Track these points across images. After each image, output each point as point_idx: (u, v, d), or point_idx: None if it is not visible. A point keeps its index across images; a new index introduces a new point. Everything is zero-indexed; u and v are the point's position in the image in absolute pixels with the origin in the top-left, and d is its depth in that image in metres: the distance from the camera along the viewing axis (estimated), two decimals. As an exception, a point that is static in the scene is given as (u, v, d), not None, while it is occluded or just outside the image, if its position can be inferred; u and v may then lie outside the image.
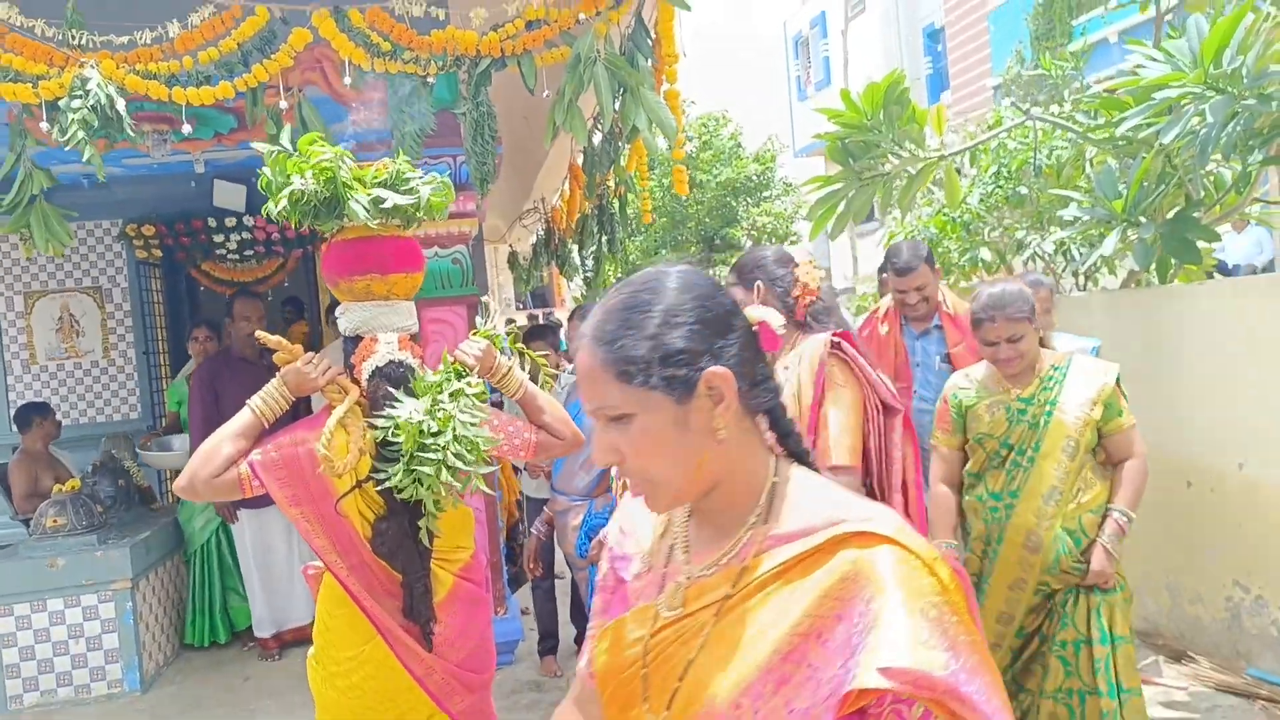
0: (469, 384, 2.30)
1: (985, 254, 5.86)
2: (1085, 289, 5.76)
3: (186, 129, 3.16)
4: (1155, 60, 4.05)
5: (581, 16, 3.50)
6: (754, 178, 16.27)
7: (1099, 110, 4.83)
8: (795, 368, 2.48)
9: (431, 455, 2.17)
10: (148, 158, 4.51)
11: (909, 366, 4.13)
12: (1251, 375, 4.06)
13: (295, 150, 2.29)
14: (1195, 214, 4.45)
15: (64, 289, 6.76)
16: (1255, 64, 3.61)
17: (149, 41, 3.12)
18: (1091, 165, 5.31)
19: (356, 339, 2.38)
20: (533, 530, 4.45)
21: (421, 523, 2.26)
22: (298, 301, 7.56)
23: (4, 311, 6.68)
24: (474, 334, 2.52)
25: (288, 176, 2.23)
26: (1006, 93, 14.97)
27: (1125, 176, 4.58)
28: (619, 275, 17.22)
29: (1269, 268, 10.44)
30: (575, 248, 7.22)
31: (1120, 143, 4.47)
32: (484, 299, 3.37)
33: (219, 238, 6.73)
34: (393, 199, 2.26)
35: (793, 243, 16.54)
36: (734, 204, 16.16)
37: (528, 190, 9.14)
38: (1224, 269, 9.78)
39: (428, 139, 3.72)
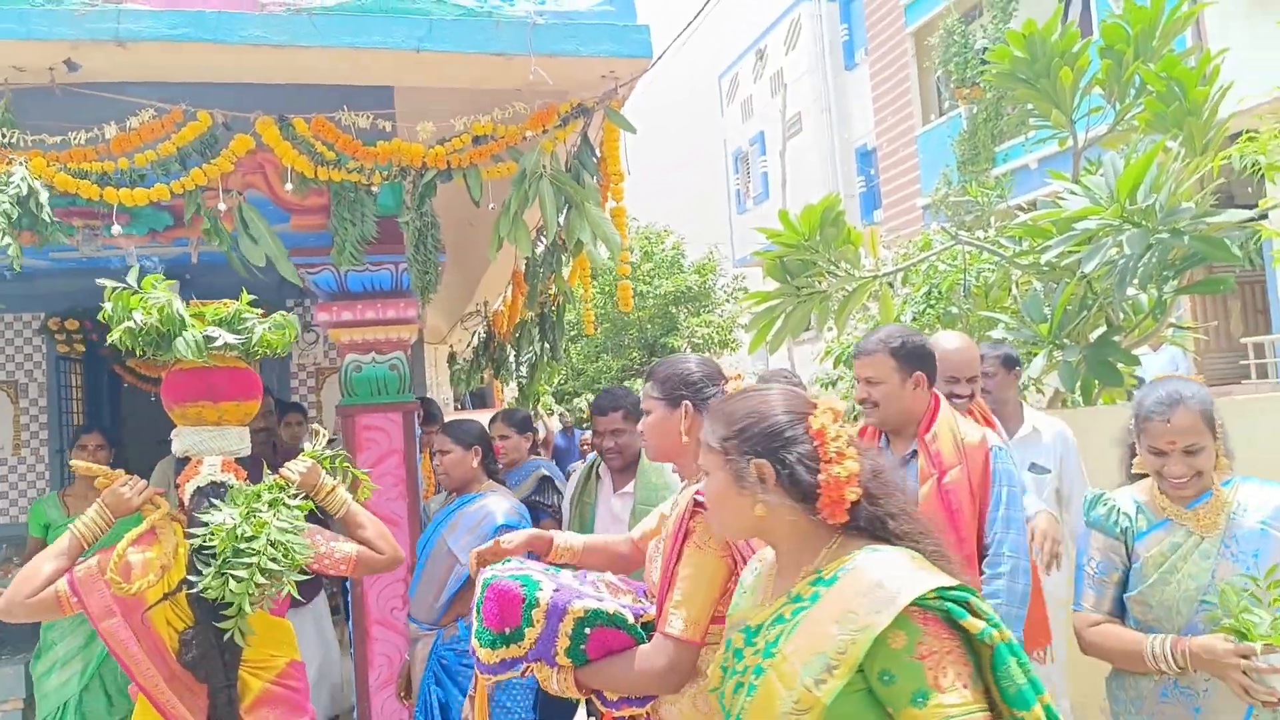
0: (288, 495, 2.51)
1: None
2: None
3: (116, 229, 3.11)
4: (1074, 193, 4.25)
5: (528, 134, 3.56)
6: (694, 288, 16.61)
7: (1023, 236, 5.03)
8: (672, 512, 2.18)
9: (245, 559, 2.33)
10: (75, 250, 4.42)
11: None
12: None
13: (138, 287, 2.51)
14: (1116, 338, 4.62)
15: (-24, 383, 6.48)
16: (1168, 200, 3.82)
17: (84, 142, 3.08)
18: (1017, 286, 5.51)
19: (185, 460, 2.58)
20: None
21: (228, 624, 2.36)
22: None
23: (-88, 404, 6.33)
24: (303, 454, 2.71)
25: (129, 311, 2.45)
26: (935, 213, 15.65)
27: (1049, 300, 4.76)
28: (558, 380, 17.25)
29: (1184, 385, 11.02)
30: (513, 352, 7.21)
31: (1044, 268, 4.64)
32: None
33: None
34: (223, 337, 2.48)
35: (732, 350, 16.77)
36: (674, 312, 16.42)
37: (471, 292, 9.15)
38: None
39: (369, 245, 3.71)
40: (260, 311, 2.62)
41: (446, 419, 6.42)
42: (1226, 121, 4.47)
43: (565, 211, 3.77)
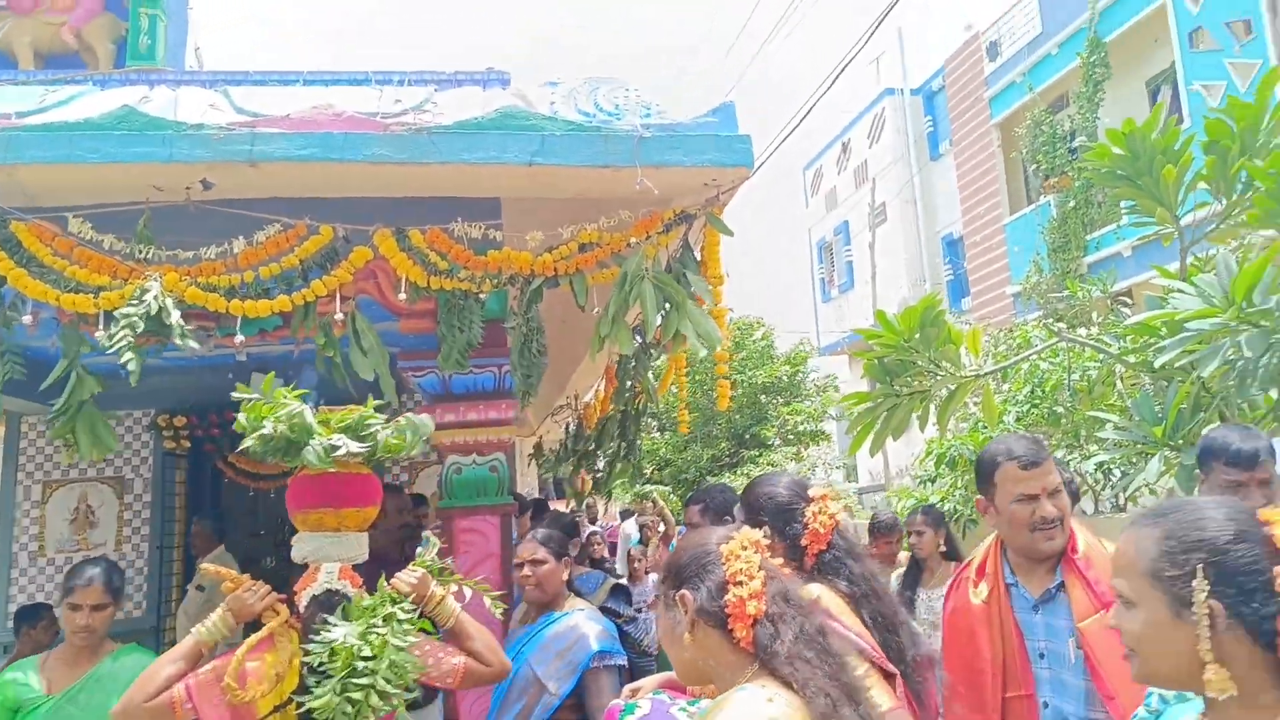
0: (402, 609, 2.50)
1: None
2: (1124, 508, 5.66)
3: (239, 339, 3.24)
4: (1185, 292, 4.12)
5: (633, 240, 3.63)
6: (785, 378, 16.55)
7: (1130, 334, 4.89)
8: None
9: (363, 680, 2.31)
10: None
11: (1025, 660, 2.47)
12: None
13: (268, 397, 2.60)
14: (1235, 440, 4.42)
15: (85, 478, 6.52)
16: (1287, 302, 3.68)
17: (213, 256, 3.25)
18: (1122, 382, 5.34)
19: (304, 565, 2.59)
20: None
21: None
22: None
23: (20, 500, 6.39)
24: (413, 564, 2.71)
25: (260, 420, 2.52)
26: (1027, 300, 15.37)
27: (1160, 399, 4.59)
28: (637, 474, 17.19)
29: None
30: (594, 446, 7.24)
31: (1155, 370, 4.50)
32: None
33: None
34: (346, 446, 2.53)
35: (822, 442, 16.57)
36: (764, 402, 16.33)
37: (562, 386, 9.25)
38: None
39: (475, 349, 3.79)
40: (384, 418, 2.66)
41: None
42: (1346, 217, 4.32)
43: (665, 310, 3.81)
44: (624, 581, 7.70)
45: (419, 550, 2.84)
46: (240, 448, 2.54)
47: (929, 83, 21.28)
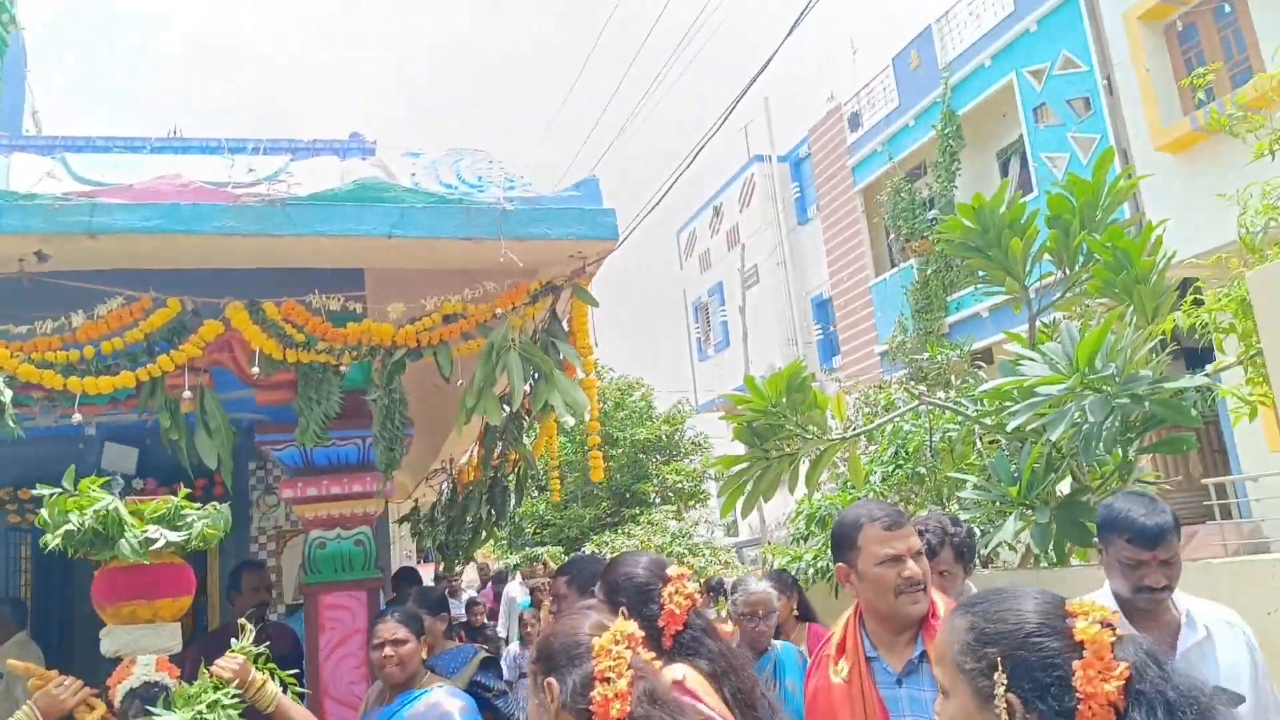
0: (225, 695, 2.51)
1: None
2: (988, 567, 5.86)
3: (77, 418, 3.04)
4: (1032, 359, 4.34)
5: (498, 311, 3.59)
6: (664, 437, 16.70)
7: (986, 400, 5.10)
8: None
9: None
10: (32, 420, 4.31)
11: None
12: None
13: (75, 490, 2.54)
14: (1084, 497, 4.65)
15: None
16: (1124, 367, 3.91)
17: (50, 331, 3.05)
18: (981, 442, 5.57)
19: (116, 659, 2.56)
20: None
21: None
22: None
23: None
24: (231, 650, 2.71)
25: (65, 514, 2.48)
26: (893, 359, 15.97)
27: (1015, 459, 4.79)
28: (529, 530, 16.94)
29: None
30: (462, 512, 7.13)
31: (1010, 432, 4.70)
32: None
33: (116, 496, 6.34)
34: (164, 537, 2.53)
35: (703, 500, 16.71)
36: (644, 460, 16.40)
37: (437, 450, 9.05)
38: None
39: (336, 420, 3.66)
40: (197, 506, 2.63)
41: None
42: (1173, 287, 4.64)
43: (533, 380, 3.77)
44: (496, 654, 7.54)
45: (232, 641, 2.76)
46: (42, 544, 2.45)
47: (795, 150, 22.11)
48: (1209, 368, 4.76)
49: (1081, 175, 5.04)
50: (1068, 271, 5.02)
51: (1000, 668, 1.32)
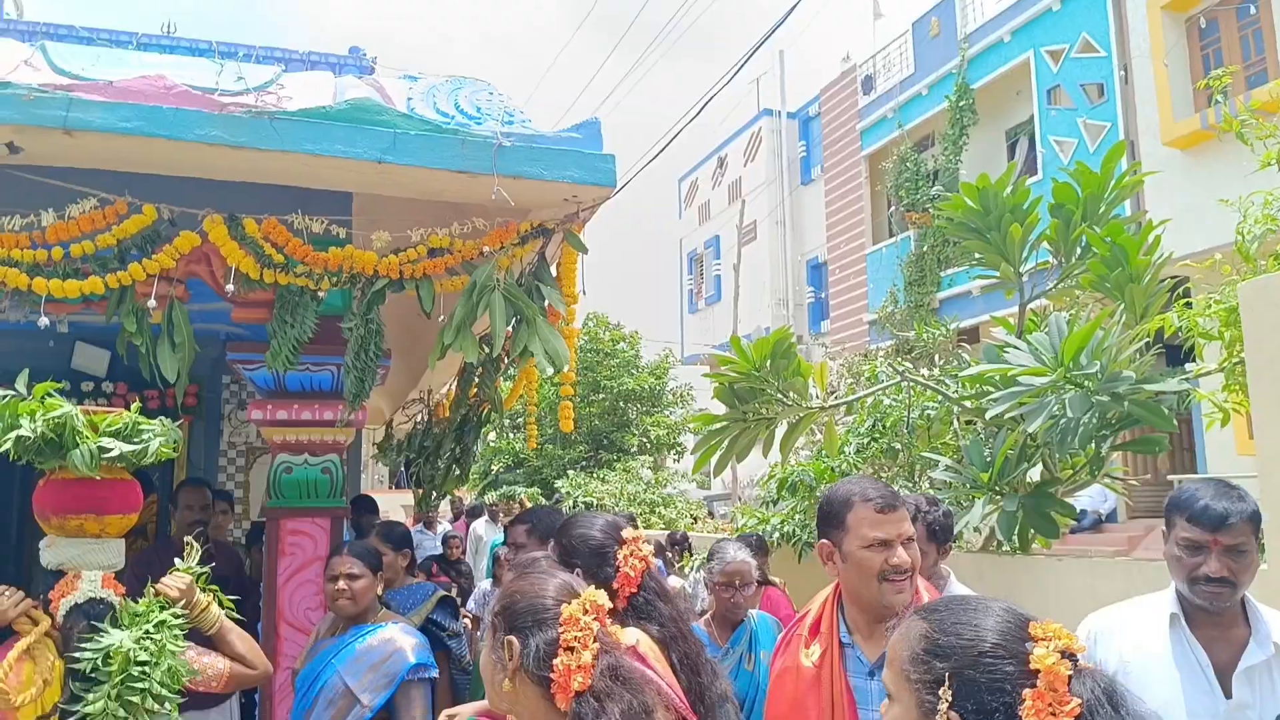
0: (173, 614, 2.49)
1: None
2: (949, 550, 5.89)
3: (43, 321, 2.95)
4: (1018, 349, 4.30)
5: (485, 249, 3.50)
6: (648, 388, 16.73)
7: (969, 384, 5.08)
8: None
9: (139, 685, 2.31)
10: (1, 313, 4.22)
11: None
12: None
13: (29, 394, 2.44)
14: (1053, 489, 4.65)
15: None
16: (1109, 366, 3.88)
17: (18, 228, 2.95)
18: (959, 422, 5.56)
19: (59, 573, 2.49)
20: None
21: None
22: (145, 475, 7.04)
23: None
24: (175, 570, 2.69)
25: (16, 418, 2.38)
26: (881, 329, 15.94)
27: (990, 445, 4.78)
28: (499, 468, 16.96)
29: (1111, 515, 11.77)
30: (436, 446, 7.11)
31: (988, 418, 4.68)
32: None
33: (73, 403, 6.26)
34: (118, 449, 2.45)
35: (678, 454, 16.80)
36: (624, 408, 16.42)
37: (416, 379, 8.99)
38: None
39: (312, 345, 3.58)
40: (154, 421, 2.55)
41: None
42: (1166, 287, 4.60)
43: (515, 324, 3.71)
44: (468, 588, 7.53)
45: (176, 560, 2.74)
46: None
47: (806, 108, 21.83)
48: (1190, 369, 4.74)
49: (1089, 163, 4.96)
50: (1064, 262, 4.97)
51: (947, 684, 1.25)
